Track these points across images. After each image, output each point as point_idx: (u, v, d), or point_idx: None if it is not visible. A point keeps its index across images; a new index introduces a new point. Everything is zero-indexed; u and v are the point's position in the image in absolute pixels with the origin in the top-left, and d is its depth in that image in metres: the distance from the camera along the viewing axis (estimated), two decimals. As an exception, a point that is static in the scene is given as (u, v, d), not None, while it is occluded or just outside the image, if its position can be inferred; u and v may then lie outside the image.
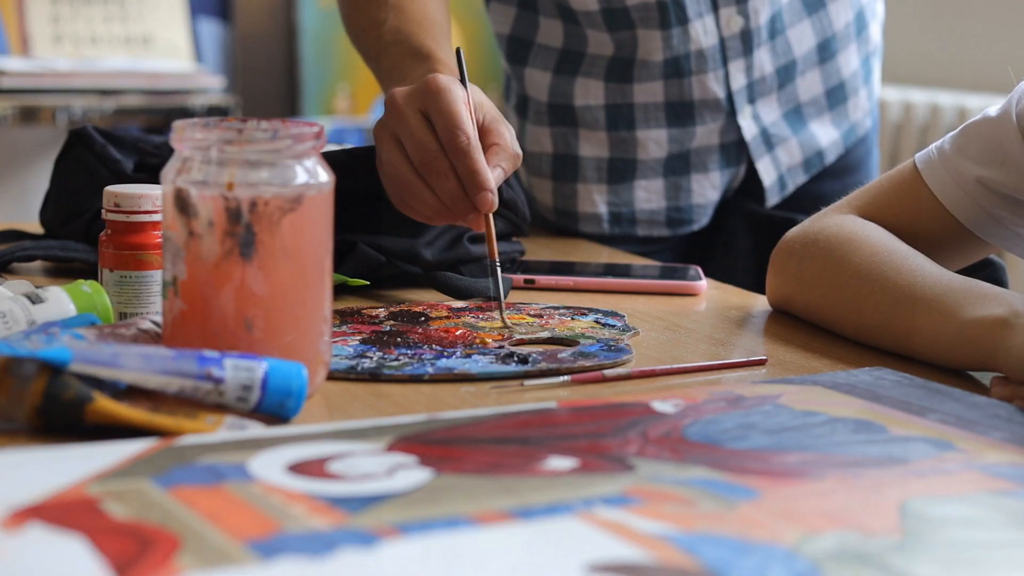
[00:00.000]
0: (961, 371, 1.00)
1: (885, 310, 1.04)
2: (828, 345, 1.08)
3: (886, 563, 0.62)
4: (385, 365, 0.96)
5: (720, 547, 0.63)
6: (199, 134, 0.85)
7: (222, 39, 3.19)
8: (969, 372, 1.00)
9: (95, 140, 1.28)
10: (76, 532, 0.62)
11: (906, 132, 2.82)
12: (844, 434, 0.81)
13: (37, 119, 2.63)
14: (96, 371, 0.79)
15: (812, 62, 1.52)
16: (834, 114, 1.56)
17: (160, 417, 0.78)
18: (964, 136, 1.12)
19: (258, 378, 0.81)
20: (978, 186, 1.10)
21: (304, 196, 0.85)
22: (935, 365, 1.01)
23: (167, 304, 0.87)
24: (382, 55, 1.24)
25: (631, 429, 0.81)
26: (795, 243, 1.15)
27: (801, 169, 1.55)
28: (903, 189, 1.14)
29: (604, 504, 0.68)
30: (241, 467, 0.71)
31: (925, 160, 1.14)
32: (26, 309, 0.93)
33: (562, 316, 1.12)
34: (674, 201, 1.52)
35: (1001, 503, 0.70)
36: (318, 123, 0.88)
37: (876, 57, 1.61)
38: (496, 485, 0.70)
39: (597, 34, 1.45)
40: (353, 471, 0.72)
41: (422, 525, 0.64)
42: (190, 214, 0.84)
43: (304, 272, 0.86)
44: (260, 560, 0.60)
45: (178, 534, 0.62)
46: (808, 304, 1.13)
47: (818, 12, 1.50)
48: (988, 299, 0.98)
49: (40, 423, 0.79)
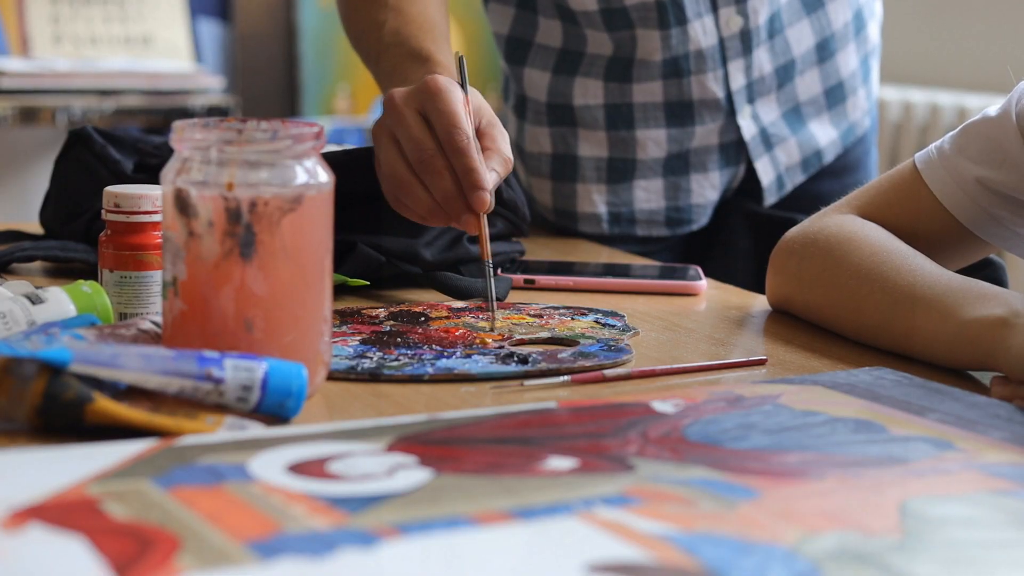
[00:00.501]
0: (961, 371, 1.01)
1: (885, 310, 1.04)
2: (828, 345, 1.08)
3: (886, 563, 0.62)
4: (385, 365, 0.96)
5: (720, 547, 0.63)
6: (199, 134, 0.85)
7: (222, 39, 3.19)
8: (969, 372, 1.00)
9: (95, 140, 1.28)
10: (76, 532, 0.62)
11: (905, 132, 2.82)
12: (844, 434, 0.81)
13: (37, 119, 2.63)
14: (96, 371, 0.79)
15: (811, 62, 1.52)
16: (833, 114, 1.56)
17: (160, 417, 0.78)
18: (964, 136, 1.12)
19: (258, 378, 0.81)
20: (978, 186, 1.10)
21: (304, 196, 0.85)
22: (935, 365, 1.01)
23: (167, 304, 0.87)
24: (382, 56, 1.24)
25: (631, 429, 0.81)
26: (794, 243, 1.15)
27: (799, 169, 1.55)
28: (903, 189, 1.14)
29: (604, 504, 0.68)
30: (241, 467, 0.71)
31: (925, 160, 1.14)
32: (26, 309, 0.93)
33: (562, 316, 1.12)
34: (673, 201, 1.52)
35: (1001, 503, 0.70)
36: (318, 123, 0.88)
37: (875, 57, 1.61)
38: (496, 485, 0.70)
39: (596, 34, 1.45)
40: (353, 471, 0.72)
41: (422, 525, 0.64)
42: (190, 214, 0.84)
43: (304, 272, 0.86)
44: (260, 560, 0.60)
45: (178, 534, 0.62)
46: (808, 304, 1.13)
47: (816, 12, 1.50)
48: (988, 299, 0.98)
49: (40, 423, 0.79)
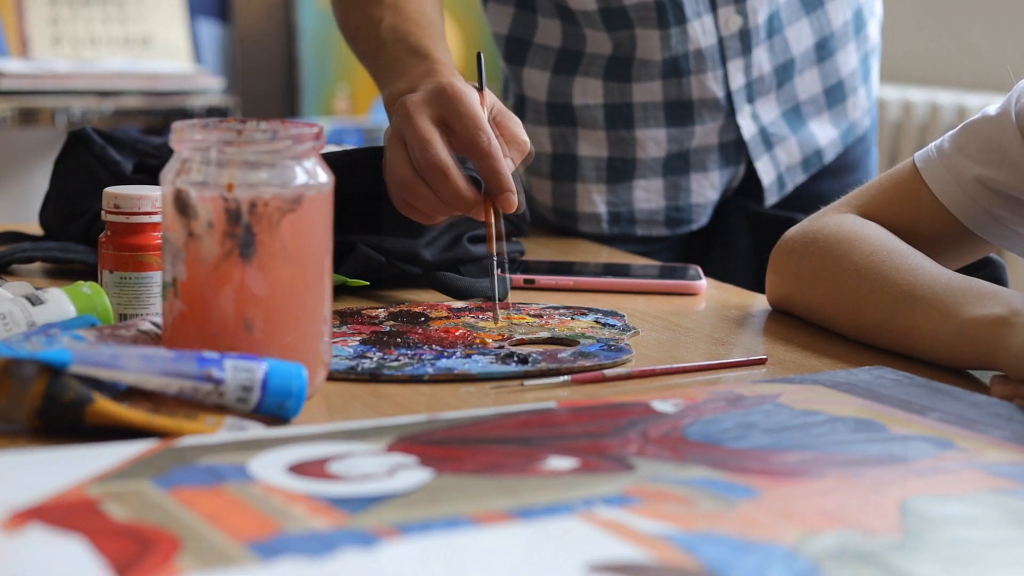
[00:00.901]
0: (961, 370, 1.00)
1: (884, 309, 1.04)
2: (828, 344, 1.08)
3: (886, 562, 0.62)
4: (385, 365, 0.95)
5: (720, 547, 0.63)
6: (198, 135, 0.85)
7: (221, 40, 3.19)
8: (969, 371, 1.00)
9: (94, 141, 1.28)
10: (76, 533, 0.62)
11: (905, 131, 2.82)
12: (844, 433, 0.81)
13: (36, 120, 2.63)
14: (96, 372, 0.79)
15: (810, 61, 1.52)
16: (833, 113, 1.55)
17: (160, 418, 0.78)
18: (963, 135, 1.12)
19: (258, 379, 0.81)
20: (977, 185, 1.10)
21: (304, 197, 0.85)
22: (935, 364, 1.01)
23: (167, 305, 0.87)
24: (380, 52, 1.25)
25: (631, 429, 0.80)
26: (794, 242, 1.15)
27: (800, 168, 1.55)
28: (903, 188, 1.14)
29: (604, 504, 0.68)
30: (241, 468, 0.71)
31: (924, 159, 1.14)
32: (26, 311, 0.93)
33: (562, 316, 1.12)
34: (673, 201, 1.52)
35: (1002, 502, 0.70)
36: (317, 124, 0.88)
37: (875, 56, 1.61)
38: (496, 485, 0.70)
39: (595, 33, 1.45)
40: (353, 472, 0.71)
41: (422, 525, 0.64)
42: (190, 215, 0.84)
43: (304, 273, 0.86)
44: (260, 561, 0.60)
45: (178, 535, 0.62)
46: (808, 304, 1.13)
47: (816, 11, 1.50)
48: (988, 298, 0.97)
49: (40, 424, 0.79)
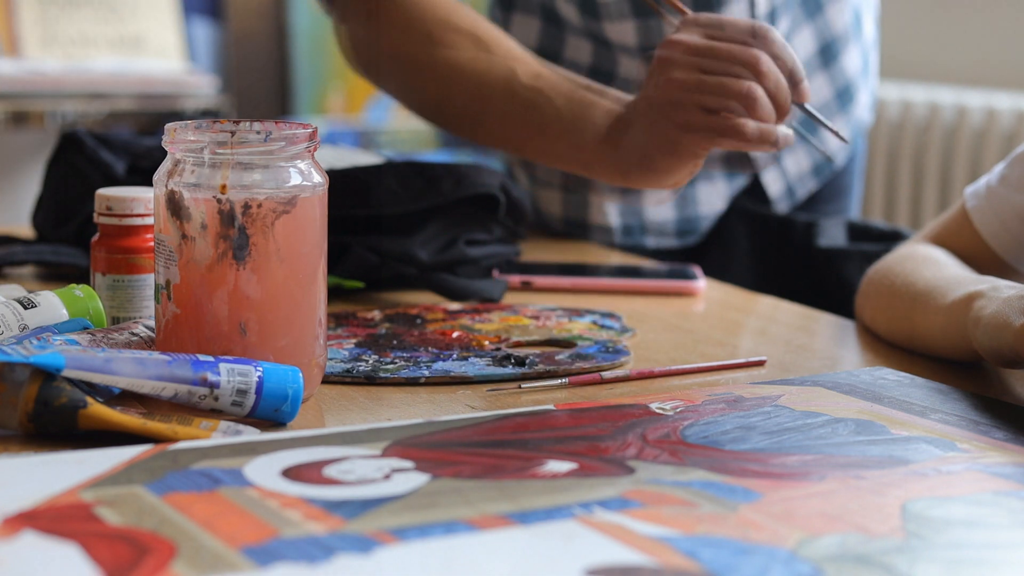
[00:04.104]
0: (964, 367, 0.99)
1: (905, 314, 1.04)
2: (828, 345, 1.07)
3: (888, 565, 0.61)
4: (381, 368, 0.95)
5: (721, 550, 0.62)
6: (191, 136, 0.85)
7: (214, 39, 3.18)
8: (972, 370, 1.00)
9: (86, 143, 1.28)
10: (70, 539, 0.62)
11: (905, 130, 2.82)
12: (845, 435, 0.81)
13: (27, 122, 2.62)
14: (89, 376, 0.78)
15: (815, 66, 1.51)
16: (843, 116, 1.55)
17: (154, 423, 0.78)
18: (1010, 166, 1.12)
19: (253, 383, 0.81)
20: (1017, 219, 1.09)
21: (298, 198, 0.85)
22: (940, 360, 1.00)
23: (160, 308, 0.86)
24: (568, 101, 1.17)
25: (630, 431, 0.80)
26: (874, 272, 1.14)
27: (811, 175, 1.55)
28: (957, 221, 1.14)
29: (603, 507, 0.67)
30: (236, 472, 0.71)
31: (973, 193, 1.14)
32: (18, 314, 0.92)
33: (559, 317, 1.11)
34: (682, 212, 1.52)
35: (1004, 503, 0.70)
36: (312, 124, 0.88)
37: (873, 50, 1.61)
38: (494, 489, 0.70)
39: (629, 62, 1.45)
40: (350, 476, 0.71)
41: (420, 530, 0.64)
42: (183, 217, 0.84)
43: (298, 275, 0.86)
44: (256, 566, 0.59)
45: (173, 540, 0.62)
46: (875, 322, 1.11)
47: (815, 17, 1.50)
48: (977, 282, 0.97)
49: (33, 429, 0.78)
